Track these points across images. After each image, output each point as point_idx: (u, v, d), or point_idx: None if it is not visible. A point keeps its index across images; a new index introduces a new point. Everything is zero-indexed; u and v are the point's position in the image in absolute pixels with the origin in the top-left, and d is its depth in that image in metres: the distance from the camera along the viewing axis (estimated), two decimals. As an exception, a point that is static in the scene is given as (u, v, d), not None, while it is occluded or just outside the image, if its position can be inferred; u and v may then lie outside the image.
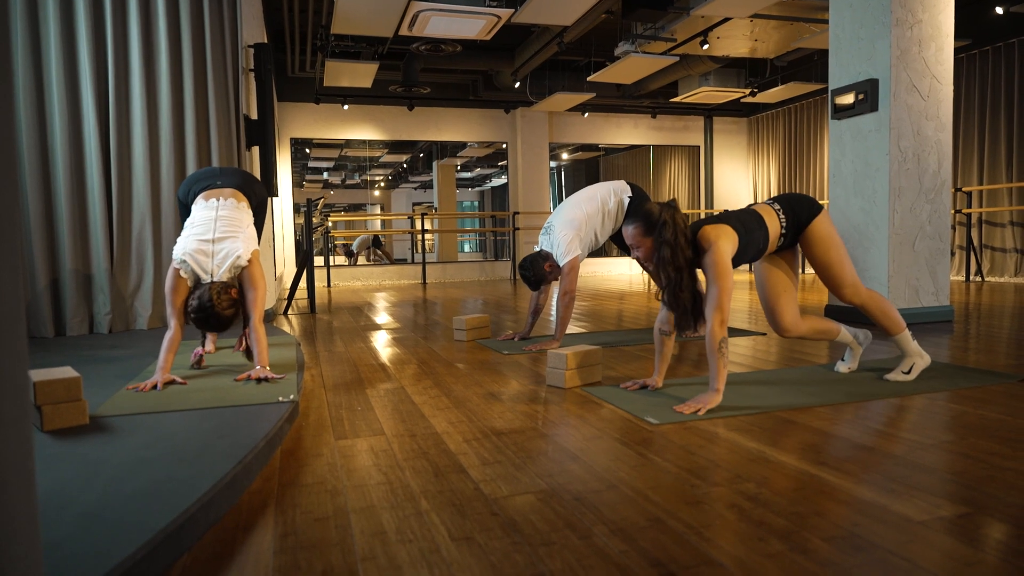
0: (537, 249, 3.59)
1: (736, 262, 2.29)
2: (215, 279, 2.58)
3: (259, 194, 3.05)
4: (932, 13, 4.04)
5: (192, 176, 3.03)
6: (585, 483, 1.54)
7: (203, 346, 2.97)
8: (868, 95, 4.05)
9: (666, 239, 2.19)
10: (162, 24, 4.28)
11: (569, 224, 3.46)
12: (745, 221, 2.32)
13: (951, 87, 4.13)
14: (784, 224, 2.41)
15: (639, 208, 2.23)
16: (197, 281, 2.59)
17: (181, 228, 2.98)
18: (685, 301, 2.23)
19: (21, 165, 4.00)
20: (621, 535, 1.27)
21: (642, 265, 2.35)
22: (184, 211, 3.02)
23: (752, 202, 2.55)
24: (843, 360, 2.72)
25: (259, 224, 3.04)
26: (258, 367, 2.53)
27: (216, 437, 1.78)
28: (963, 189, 7.68)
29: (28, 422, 0.64)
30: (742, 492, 1.46)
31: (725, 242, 2.21)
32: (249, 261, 2.64)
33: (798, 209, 2.43)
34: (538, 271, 3.46)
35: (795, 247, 2.52)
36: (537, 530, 1.30)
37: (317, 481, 1.60)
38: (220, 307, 2.48)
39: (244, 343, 2.85)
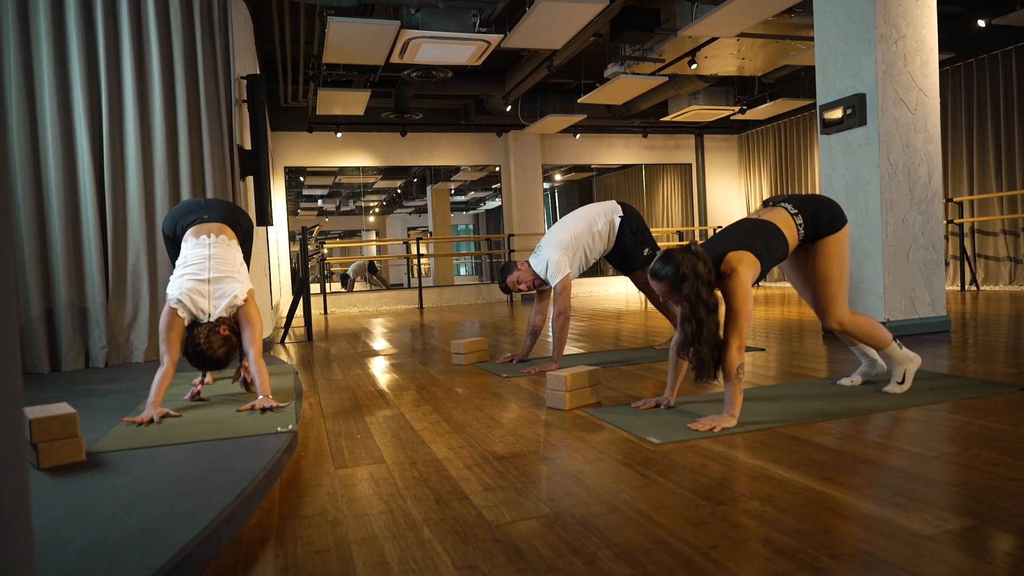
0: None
1: (755, 281, 2.30)
2: (212, 318, 2.59)
3: (245, 225, 3.05)
4: (916, 27, 4.10)
5: (176, 209, 3.02)
6: (588, 506, 1.53)
7: (202, 381, 2.96)
8: (856, 110, 4.10)
9: (685, 294, 2.16)
10: (155, 57, 4.31)
11: (557, 245, 3.48)
12: (768, 241, 2.32)
13: (937, 99, 4.17)
14: (803, 234, 2.41)
15: (668, 260, 2.19)
16: (194, 319, 2.60)
17: (171, 260, 2.99)
18: (703, 355, 2.17)
19: (15, 199, 4.01)
20: (626, 559, 1.26)
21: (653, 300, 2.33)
22: (169, 244, 3.02)
23: (770, 199, 2.51)
24: (848, 376, 2.72)
25: (247, 254, 3.04)
26: (261, 397, 2.52)
27: (214, 470, 1.76)
28: (954, 199, 7.73)
29: (23, 461, 0.64)
30: (747, 511, 1.45)
31: (746, 268, 2.21)
32: (245, 300, 2.67)
33: (819, 218, 2.41)
34: (506, 272, 3.57)
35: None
36: (541, 556, 1.29)
37: (317, 512, 1.59)
38: (212, 350, 2.52)
39: (241, 375, 2.84)
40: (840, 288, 2.45)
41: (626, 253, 3.70)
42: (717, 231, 3.47)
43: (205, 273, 2.64)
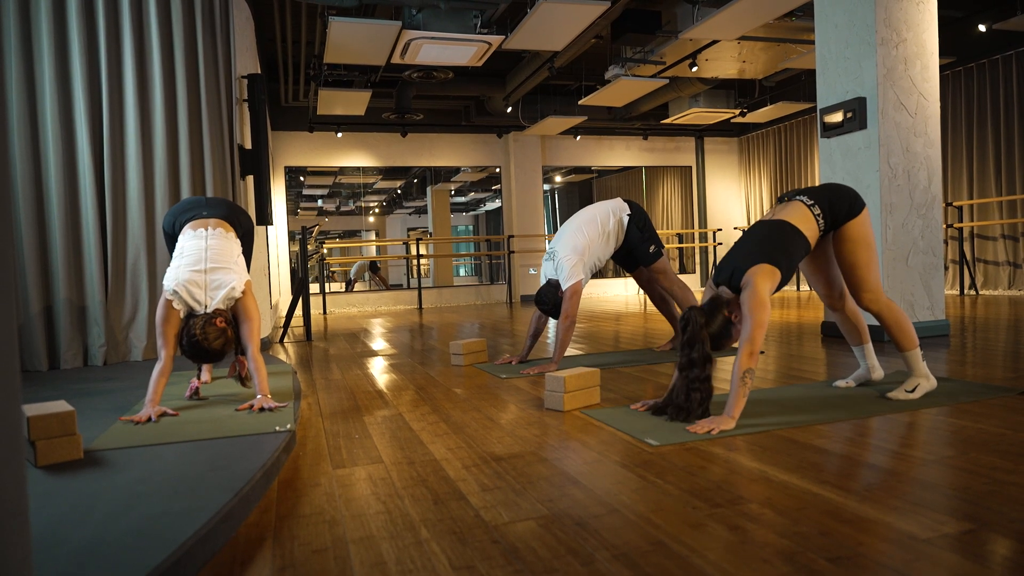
0: (543, 274, 3.60)
1: (780, 286, 2.31)
2: (208, 310, 2.56)
3: (245, 224, 3.04)
4: (916, 32, 4.11)
5: (177, 206, 3.01)
6: (586, 508, 1.53)
7: (199, 377, 2.95)
8: (856, 113, 4.10)
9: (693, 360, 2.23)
10: (156, 56, 4.32)
11: (573, 250, 3.49)
12: (785, 244, 2.31)
13: (938, 104, 4.18)
14: (822, 224, 2.40)
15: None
16: (190, 311, 2.58)
17: (171, 257, 2.99)
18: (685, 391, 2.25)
19: (15, 197, 4.01)
20: (624, 560, 1.25)
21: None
22: (169, 241, 3.01)
23: (784, 194, 2.54)
24: (843, 378, 2.73)
25: (247, 253, 3.02)
26: (259, 396, 2.51)
27: (212, 469, 1.76)
28: (953, 204, 7.74)
29: (21, 459, 0.63)
30: (744, 513, 1.45)
31: (762, 280, 2.21)
32: (243, 292, 2.63)
33: (837, 207, 2.40)
34: (554, 299, 3.48)
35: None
36: (539, 557, 1.29)
37: (315, 512, 1.58)
38: (208, 341, 2.47)
39: (235, 369, 2.82)
40: (868, 272, 2.44)
41: (632, 249, 3.72)
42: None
43: (202, 264, 2.62)
